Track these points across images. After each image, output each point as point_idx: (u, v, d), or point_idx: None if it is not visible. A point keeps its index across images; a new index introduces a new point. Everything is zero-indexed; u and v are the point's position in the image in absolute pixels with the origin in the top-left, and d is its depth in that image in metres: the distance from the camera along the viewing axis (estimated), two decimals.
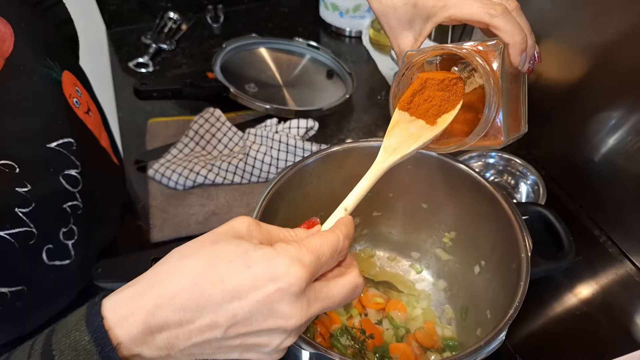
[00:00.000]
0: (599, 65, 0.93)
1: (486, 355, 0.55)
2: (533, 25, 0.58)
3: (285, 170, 0.73)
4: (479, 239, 0.78)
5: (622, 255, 0.95)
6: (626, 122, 0.90)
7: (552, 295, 0.90)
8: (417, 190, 0.82)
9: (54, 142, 0.60)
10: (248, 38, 1.34)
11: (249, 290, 0.36)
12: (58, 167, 0.61)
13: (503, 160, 1.03)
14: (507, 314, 0.58)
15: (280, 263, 0.36)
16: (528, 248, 0.65)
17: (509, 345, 0.81)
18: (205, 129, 1.10)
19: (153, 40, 1.41)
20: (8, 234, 0.54)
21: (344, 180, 0.74)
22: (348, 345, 0.73)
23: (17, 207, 0.55)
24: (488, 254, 0.77)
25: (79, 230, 0.64)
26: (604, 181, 0.98)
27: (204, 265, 0.37)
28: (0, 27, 0.56)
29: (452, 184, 0.78)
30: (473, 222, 0.78)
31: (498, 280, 0.71)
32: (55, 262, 0.60)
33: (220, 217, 0.98)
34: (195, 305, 0.36)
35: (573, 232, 0.98)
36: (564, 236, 0.73)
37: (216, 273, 0.36)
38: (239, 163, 1.03)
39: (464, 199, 0.78)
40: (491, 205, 0.72)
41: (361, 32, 1.49)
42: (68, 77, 0.64)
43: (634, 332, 0.85)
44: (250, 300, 0.36)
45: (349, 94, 1.23)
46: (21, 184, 0.56)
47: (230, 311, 0.36)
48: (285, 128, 1.11)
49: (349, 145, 0.79)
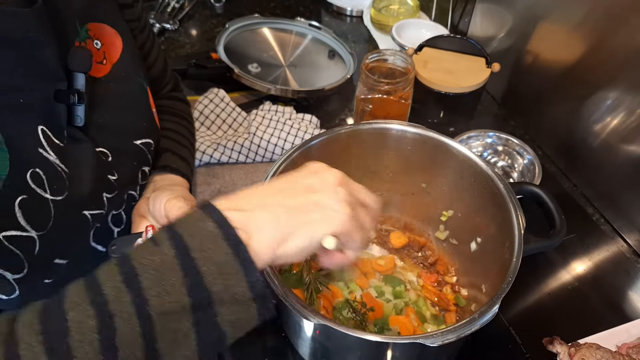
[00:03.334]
0: (595, 47, 0.95)
1: (480, 327, 0.58)
2: (531, 7, 0.58)
3: (289, 152, 0.76)
4: (475, 217, 0.82)
5: (614, 232, 0.99)
6: (620, 103, 0.92)
7: (546, 271, 0.93)
8: (416, 171, 0.86)
9: (139, 140, 0.71)
10: (250, 18, 1.35)
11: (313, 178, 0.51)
12: (140, 162, 0.71)
13: (501, 140, 1.06)
14: (500, 289, 0.61)
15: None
16: (521, 226, 0.68)
17: (504, 319, 0.85)
18: (210, 109, 1.13)
19: (156, 20, 1.42)
20: (89, 214, 0.62)
21: (347, 161, 0.78)
22: (349, 318, 0.77)
23: (105, 192, 0.64)
24: (483, 232, 0.81)
25: (126, 217, 0.72)
26: (598, 161, 1.01)
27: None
28: (114, 38, 0.68)
29: (449, 164, 0.81)
30: (469, 201, 0.82)
31: (492, 256, 0.74)
32: (98, 246, 0.67)
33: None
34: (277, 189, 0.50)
35: (567, 210, 1.00)
36: (556, 215, 0.76)
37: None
38: (244, 142, 1.06)
39: (460, 179, 0.81)
40: (486, 185, 0.76)
41: (362, 11, 1.50)
42: (149, 92, 0.75)
43: (623, 306, 0.89)
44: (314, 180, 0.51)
45: (350, 74, 1.25)
46: (111, 172, 0.65)
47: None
48: (287, 120, 1.13)
49: (352, 128, 0.81)
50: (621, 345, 0.79)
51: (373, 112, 1.02)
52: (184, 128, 0.87)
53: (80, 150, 0.60)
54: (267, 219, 0.47)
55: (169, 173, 0.78)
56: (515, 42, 1.15)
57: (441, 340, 0.56)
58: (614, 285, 0.91)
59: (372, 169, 0.87)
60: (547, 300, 0.89)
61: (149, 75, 0.80)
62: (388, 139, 0.83)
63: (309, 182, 0.51)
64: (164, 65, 0.88)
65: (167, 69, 0.90)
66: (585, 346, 0.76)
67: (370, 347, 0.65)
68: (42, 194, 0.55)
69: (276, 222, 0.47)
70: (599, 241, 0.98)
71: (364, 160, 0.85)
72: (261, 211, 0.47)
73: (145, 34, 0.80)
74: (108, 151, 0.65)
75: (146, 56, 0.82)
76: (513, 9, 1.13)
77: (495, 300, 0.60)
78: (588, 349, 0.75)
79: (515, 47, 1.15)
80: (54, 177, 0.56)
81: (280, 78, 1.24)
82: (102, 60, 0.65)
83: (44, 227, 0.55)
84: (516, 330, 0.84)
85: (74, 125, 0.60)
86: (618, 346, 0.79)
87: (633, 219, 0.96)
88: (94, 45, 0.64)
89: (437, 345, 0.56)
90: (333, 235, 0.49)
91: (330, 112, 1.21)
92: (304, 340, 0.74)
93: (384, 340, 0.59)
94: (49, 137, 0.56)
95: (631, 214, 0.96)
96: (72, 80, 0.58)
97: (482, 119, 1.18)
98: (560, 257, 0.95)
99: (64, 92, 0.57)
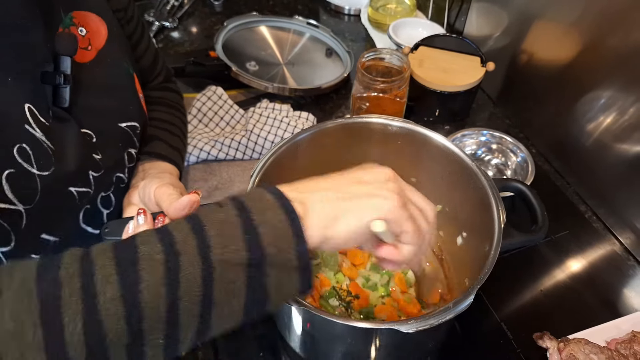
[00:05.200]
0: (589, 47, 0.97)
1: (455, 315, 0.60)
2: (526, 7, 0.59)
3: (278, 145, 0.78)
4: (461, 211, 0.84)
5: (606, 230, 1.00)
6: (613, 103, 0.94)
7: (539, 268, 0.94)
8: (405, 165, 0.87)
9: (124, 122, 0.73)
10: (249, 16, 1.36)
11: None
12: (125, 144, 0.73)
13: (495, 138, 1.07)
14: (477, 280, 0.63)
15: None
16: (502, 220, 0.70)
17: (496, 315, 0.86)
18: (208, 106, 1.14)
19: (156, 17, 1.44)
20: (76, 191, 0.64)
21: (336, 153, 0.80)
22: (336, 306, 0.79)
23: (91, 170, 0.66)
24: (468, 227, 0.83)
25: (116, 200, 0.74)
26: (591, 160, 1.02)
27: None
28: (100, 26, 0.71)
29: (437, 159, 0.83)
30: (456, 195, 0.83)
31: (475, 251, 0.76)
32: (88, 228, 0.70)
33: (223, 192, 1.02)
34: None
35: (560, 207, 1.03)
36: (538, 211, 0.77)
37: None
38: (241, 139, 1.07)
39: (448, 174, 0.83)
40: (471, 180, 0.78)
41: (360, 10, 1.51)
42: (136, 78, 0.78)
43: (615, 302, 0.90)
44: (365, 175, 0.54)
45: (348, 72, 1.27)
46: (96, 152, 0.67)
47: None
48: (284, 117, 1.15)
49: (340, 122, 0.84)
50: (610, 341, 0.80)
51: (369, 110, 1.03)
52: (176, 118, 0.89)
53: (65, 129, 0.62)
54: (320, 200, 0.50)
55: (158, 160, 0.79)
56: (511, 42, 1.16)
57: (416, 327, 0.58)
58: (606, 282, 0.92)
59: (361, 163, 0.88)
60: (540, 296, 0.90)
61: (138, 66, 0.83)
62: (377, 133, 0.84)
63: (361, 175, 0.54)
64: (154, 57, 0.91)
65: (157, 61, 0.92)
66: (574, 341, 0.77)
67: (351, 334, 0.67)
68: (28, 169, 0.57)
69: (328, 204, 0.50)
70: (592, 238, 0.99)
71: (353, 154, 0.87)
72: (314, 194, 0.50)
73: (133, 25, 0.82)
74: (92, 132, 0.67)
75: (135, 46, 0.84)
76: (508, 8, 1.14)
77: (471, 291, 0.61)
78: (576, 344, 0.77)
79: (510, 46, 1.16)
80: (40, 153, 0.58)
81: (278, 76, 1.25)
82: (87, 46, 0.68)
83: (30, 201, 0.58)
84: (507, 325, 0.85)
85: (59, 106, 0.63)
86: (607, 341, 0.81)
87: (625, 217, 0.97)
88: (79, 32, 0.67)
89: (413, 332, 0.58)
90: (383, 220, 0.51)
91: (327, 110, 1.22)
92: (285, 322, 0.77)
93: (359, 325, 0.61)
94: (35, 115, 0.58)
95: (623, 212, 0.97)
96: (58, 63, 0.62)
97: (477, 118, 1.19)
98: (553, 254, 0.96)
99: (50, 74, 0.60)
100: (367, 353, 0.72)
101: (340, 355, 0.75)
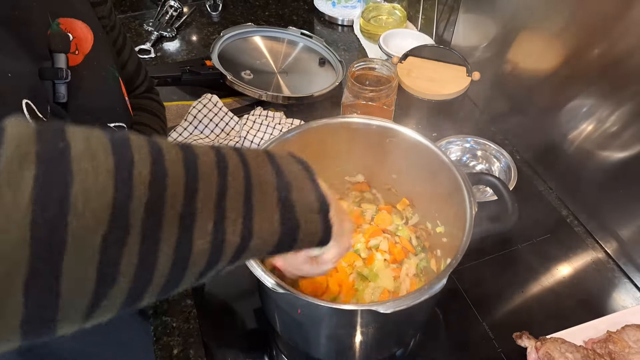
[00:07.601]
0: (572, 58, 1.00)
1: (429, 296, 0.64)
2: (508, 17, 0.61)
3: (267, 144, 0.82)
4: (438, 202, 0.87)
5: (587, 234, 1.03)
6: (595, 111, 0.97)
7: (522, 270, 0.97)
8: (385, 162, 0.93)
9: (112, 123, 0.76)
10: (244, 27, 1.40)
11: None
12: None
13: (479, 145, 1.11)
14: (449, 264, 0.68)
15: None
16: (473, 209, 0.74)
17: (478, 315, 0.89)
18: (204, 113, 1.18)
19: (155, 27, 1.47)
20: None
21: (324, 152, 0.87)
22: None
23: None
24: (445, 216, 0.87)
25: None
26: (572, 166, 1.05)
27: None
28: (86, 32, 0.73)
29: (415, 156, 0.87)
30: (433, 189, 0.87)
31: (454, 238, 0.80)
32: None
33: None
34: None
35: (543, 211, 1.06)
36: (509, 201, 0.81)
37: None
38: (235, 145, 1.11)
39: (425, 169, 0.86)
40: (447, 174, 0.81)
41: (352, 21, 1.55)
42: (121, 82, 0.81)
43: (595, 304, 0.93)
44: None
45: (339, 81, 1.30)
46: None
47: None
48: (277, 124, 1.18)
49: (326, 121, 0.88)
50: (587, 341, 0.83)
51: None
52: (156, 125, 0.92)
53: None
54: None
55: None
56: (496, 52, 1.20)
57: (393, 308, 0.61)
58: (586, 285, 0.95)
59: (345, 161, 0.95)
60: (521, 298, 0.93)
61: (123, 75, 0.86)
62: (358, 132, 0.89)
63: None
64: (137, 65, 0.94)
65: (140, 70, 0.96)
66: (551, 340, 0.80)
67: (331, 316, 0.70)
68: None
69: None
70: (573, 242, 1.02)
71: (337, 151, 0.92)
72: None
73: (116, 32, 0.86)
74: None
75: (119, 53, 0.88)
76: (494, 20, 1.18)
77: (444, 274, 0.66)
78: (553, 343, 0.79)
79: (496, 57, 1.20)
80: None
81: (273, 84, 1.29)
82: (74, 50, 0.71)
83: None
84: (489, 326, 0.88)
85: (57, 102, 0.66)
86: (585, 341, 0.83)
87: (605, 222, 1.00)
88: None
89: (390, 312, 0.61)
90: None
91: (319, 117, 1.24)
92: (275, 313, 0.81)
93: (341, 307, 0.65)
94: (33, 111, 0.60)
95: (603, 217, 1.00)
96: (53, 61, 0.65)
97: (464, 125, 1.23)
98: (535, 257, 0.99)
99: (49, 70, 0.63)
100: (351, 336, 0.76)
101: (327, 339, 0.78)
